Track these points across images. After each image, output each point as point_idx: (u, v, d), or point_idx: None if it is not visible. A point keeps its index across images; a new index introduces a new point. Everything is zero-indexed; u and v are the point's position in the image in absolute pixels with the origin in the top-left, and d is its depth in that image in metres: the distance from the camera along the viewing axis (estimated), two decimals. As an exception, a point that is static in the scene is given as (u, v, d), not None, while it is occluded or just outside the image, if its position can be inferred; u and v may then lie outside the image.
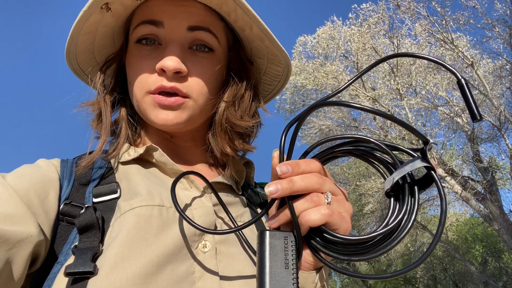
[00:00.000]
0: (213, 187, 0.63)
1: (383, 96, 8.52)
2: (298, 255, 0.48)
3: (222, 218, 0.63)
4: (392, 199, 0.48)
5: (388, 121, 8.49)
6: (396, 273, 0.43)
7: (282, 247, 0.47)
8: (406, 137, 8.20)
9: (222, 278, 0.55)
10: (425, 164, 0.45)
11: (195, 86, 0.63)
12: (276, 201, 0.52)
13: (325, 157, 0.53)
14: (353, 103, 0.44)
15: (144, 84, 0.63)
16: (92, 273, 0.47)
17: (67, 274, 0.47)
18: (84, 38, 0.65)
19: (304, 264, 0.51)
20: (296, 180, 0.46)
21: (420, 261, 0.42)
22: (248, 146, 0.72)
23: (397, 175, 0.46)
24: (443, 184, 0.47)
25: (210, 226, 0.58)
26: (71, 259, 0.49)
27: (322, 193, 0.48)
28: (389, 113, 0.46)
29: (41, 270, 0.52)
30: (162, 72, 0.61)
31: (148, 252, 0.50)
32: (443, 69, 8.43)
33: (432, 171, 0.46)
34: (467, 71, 8.43)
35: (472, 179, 9.00)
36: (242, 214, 0.66)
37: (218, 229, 0.60)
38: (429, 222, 13.22)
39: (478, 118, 0.43)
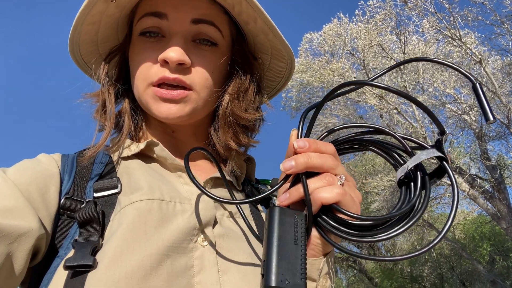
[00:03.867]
0: (196, 183, 0.62)
1: (389, 93, 8.46)
2: (307, 234, 0.48)
3: (222, 213, 0.63)
4: (403, 187, 0.49)
5: (394, 119, 8.44)
6: (406, 256, 0.44)
7: (292, 224, 0.47)
8: (413, 135, 8.15)
9: (221, 271, 0.55)
10: (440, 154, 0.46)
11: (198, 78, 0.63)
12: (287, 182, 0.52)
13: (340, 145, 0.55)
14: (386, 85, 0.46)
15: (147, 75, 0.63)
16: (92, 266, 0.47)
17: (66, 267, 0.47)
18: (88, 28, 0.65)
19: (311, 247, 0.51)
20: (312, 156, 0.47)
21: (432, 245, 0.43)
22: (251, 141, 0.72)
23: (411, 163, 0.47)
24: (455, 176, 0.49)
25: (211, 219, 0.58)
26: (71, 253, 0.50)
27: (336, 175, 0.49)
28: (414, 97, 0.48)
29: (41, 264, 0.52)
30: (165, 63, 0.61)
31: (147, 246, 0.50)
32: (450, 66, 8.34)
33: (445, 162, 0.47)
34: (475, 68, 8.34)
35: (480, 177, 8.93)
36: (242, 210, 0.65)
37: (219, 223, 0.60)
38: (436, 220, 13.14)
39: (492, 119, 0.45)
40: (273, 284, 0.42)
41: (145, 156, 0.67)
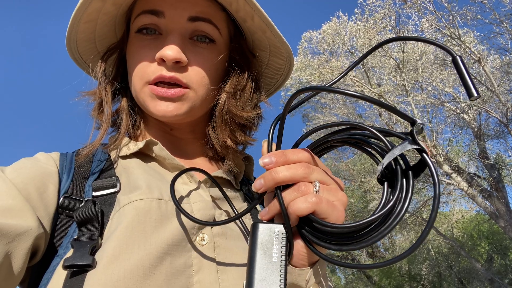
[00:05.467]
0: (215, 181, 0.63)
1: (388, 92, 8.46)
2: (290, 247, 0.48)
3: (220, 212, 0.63)
4: (385, 185, 0.46)
5: (394, 117, 8.44)
6: (390, 261, 0.41)
7: (272, 239, 0.47)
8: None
9: (220, 271, 0.55)
10: (414, 146, 0.43)
11: (195, 76, 0.63)
12: (268, 193, 0.51)
13: (318, 147, 0.52)
14: (333, 88, 0.42)
15: (144, 73, 0.62)
16: (91, 266, 0.47)
17: (65, 267, 0.47)
18: (85, 26, 0.65)
19: (298, 257, 0.50)
20: (280, 171, 0.46)
21: (412, 249, 0.39)
22: (248, 138, 0.72)
23: (386, 160, 0.44)
24: (436, 168, 0.45)
25: (209, 219, 0.58)
26: (70, 252, 0.50)
27: (311, 182, 0.47)
28: (376, 98, 0.44)
29: (41, 263, 0.52)
30: (162, 62, 0.61)
31: (146, 245, 0.50)
32: (450, 64, 8.34)
33: (425, 154, 0.43)
34: (474, 67, 8.35)
35: (479, 176, 8.94)
36: (239, 209, 0.66)
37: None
38: (434, 219, 13.12)
39: (476, 95, 0.41)
40: None
41: (143, 155, 0.66)
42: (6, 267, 0.46)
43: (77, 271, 0.47)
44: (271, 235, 0.47)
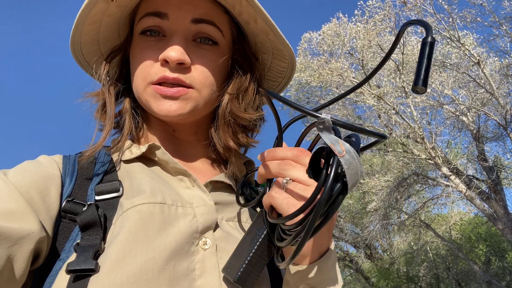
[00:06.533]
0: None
1: (388, 94, 8.47)
2: (269, 234, 0.52)
3: (222, 216, 0.63)
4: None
5: (393, 120, 8.45)
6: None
7: (259, 225, 0.53)
8: (410, 136, 8.16)
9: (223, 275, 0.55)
10: (320, 146, 0.42)
11: (199, 77, 0.63)
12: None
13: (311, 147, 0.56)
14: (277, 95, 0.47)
15: (147, 74, 0.63)
16: (94, 270, 0.47)
17: (68, 271, 0.47)
18: (89, 28, 0.65)
19: (288, 254, 0.54)
20: (264, 166, 0.52)
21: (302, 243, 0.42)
22: (251, 140, 0.72)
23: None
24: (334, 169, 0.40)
25: (212, 224, 0.58)
26: (73, 257, 0.50)
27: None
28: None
29: (43, 266, 0.52)
30: (165, 63, 0.61)
31: (149, 250, 0.50)
32: (449, 67, 8.37)
33: (336, 153, 0.39)
34: (473, 70, 8.37)
35: (477, 178, 8.94)
36: (240, 213, 0.66)
37: (219, 227, 0.60)
38: (432, 220, 13.17)
39: (420, 86, 0.34)
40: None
41: (146, 158, 0.66)
42: (8, 270, 0.46)
43: (80, 276, 0.47)
44: (260, 221, 0.54)
